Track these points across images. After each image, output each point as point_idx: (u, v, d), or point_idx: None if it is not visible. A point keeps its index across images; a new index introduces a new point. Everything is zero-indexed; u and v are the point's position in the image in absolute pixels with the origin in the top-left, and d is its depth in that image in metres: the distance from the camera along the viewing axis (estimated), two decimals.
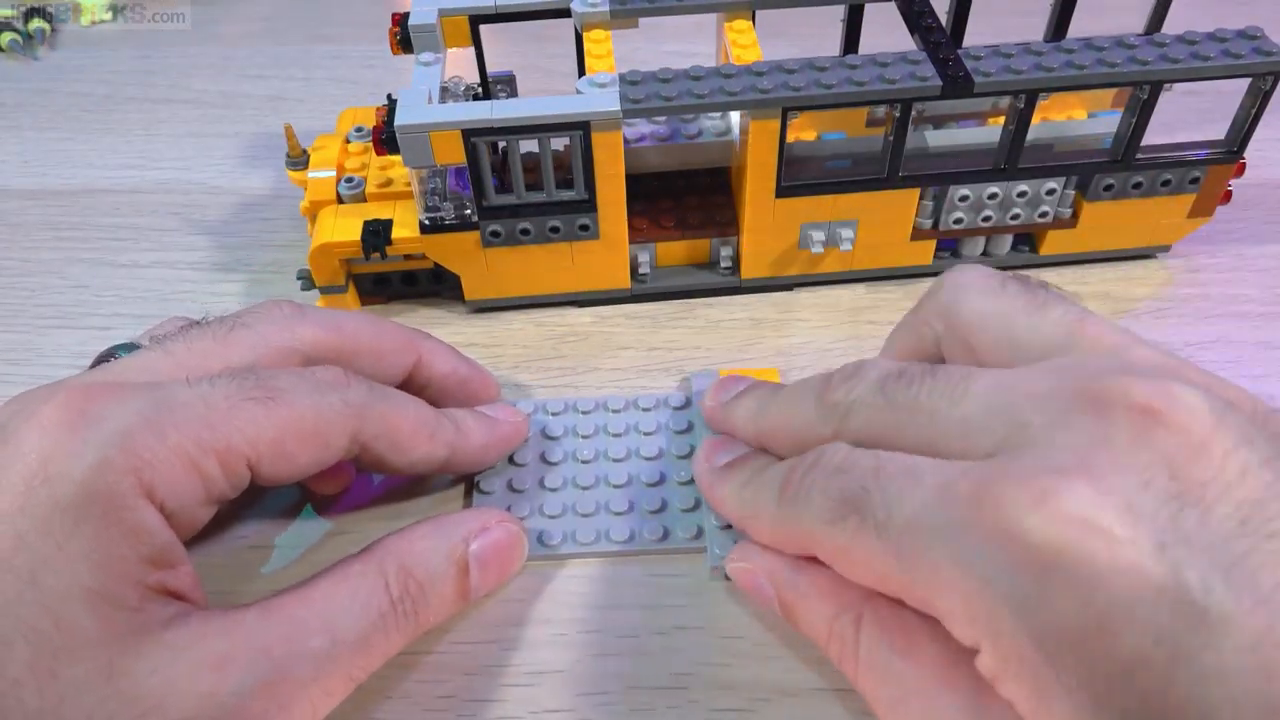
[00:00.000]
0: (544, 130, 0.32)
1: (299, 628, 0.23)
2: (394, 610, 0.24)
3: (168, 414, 0.22)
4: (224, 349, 0.26)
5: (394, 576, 0.25)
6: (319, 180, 0.37)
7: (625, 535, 0.30)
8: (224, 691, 0.21)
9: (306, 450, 0.25)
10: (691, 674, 0.27)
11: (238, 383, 0.24)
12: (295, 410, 0.24)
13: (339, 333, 0.28)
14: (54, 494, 0.20)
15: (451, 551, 0.26)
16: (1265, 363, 0.35)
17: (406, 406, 0.27)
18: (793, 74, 0.33)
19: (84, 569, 0.20)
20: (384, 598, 0.24)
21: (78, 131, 0.49)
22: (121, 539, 0.21)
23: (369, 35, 0.54)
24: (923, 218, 0.37)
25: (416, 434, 0.27)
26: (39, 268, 0.41)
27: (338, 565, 0.25)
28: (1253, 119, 0.34)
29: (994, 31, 0.38)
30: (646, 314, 0.38)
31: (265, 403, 0.24)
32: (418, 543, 0.26)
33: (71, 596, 0.20)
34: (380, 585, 0.24)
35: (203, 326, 0.27)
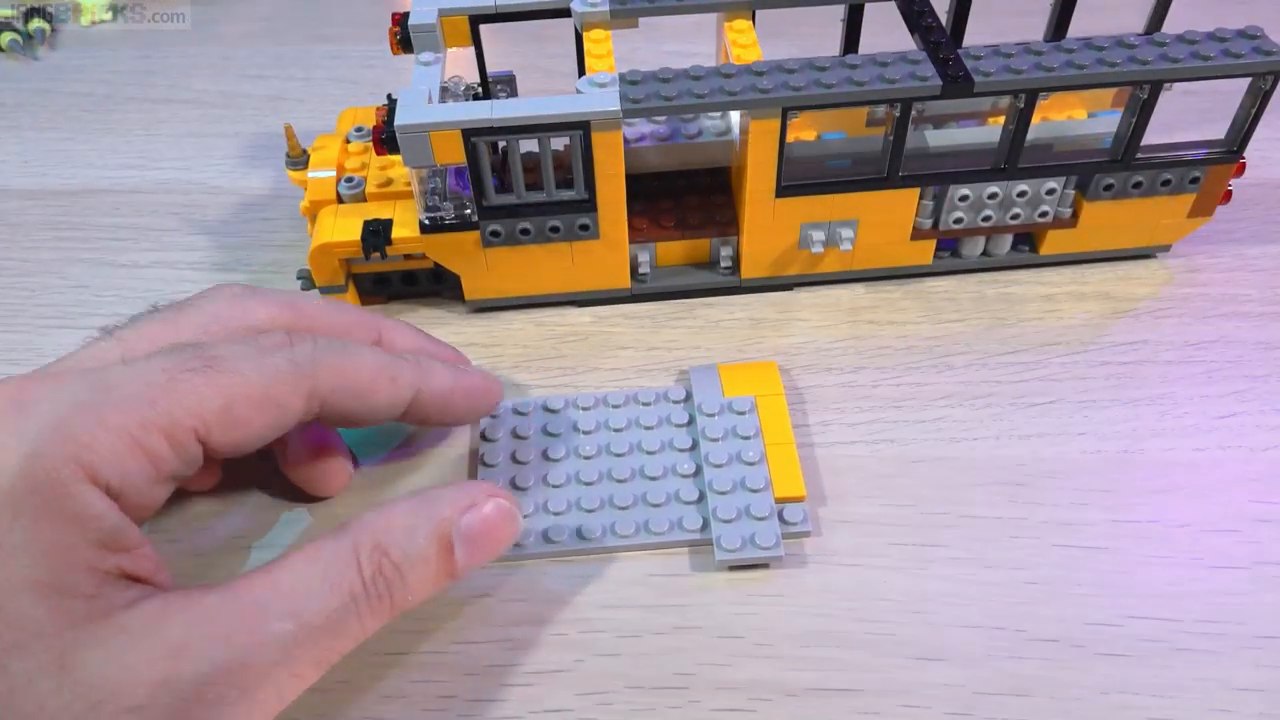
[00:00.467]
0: (544, 130, 0.32)
1: (262, 611, 0.22)
2: (366, 591, 0.23)
3: (104, 395, 0.22)
4: (173, 331, 0.25)
5: (367, 555, 0.23)
6: (319, 180, 0.37)
7: (631, 529, 0.30)
8: (180, 678, 0.21)
9: (260, 415, 0.24)
10: (691, 674, 0.27)
11: (175, 356, 0.23)
12: (239, 376, 0.24)
13: (294, 310, 0.27)
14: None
15: (435, 529, 0.25)
16: (1265, 363, 0.35)
17: (362, 354, 0.26)
18: (793, 74, 0.33)
19: (27, 560, 0.20)
20: (356, 579, 0.23)
21: (78, 131, 0.49)
22: (66, 527, 0.21)
23: (369, 35, 0.54)
24: (923, 217, 0.37)
25: (376, 379, 0.26)
26: (39, 268, 0.41)
27: (310, 544, 0.24)
28: (1253, 119, 0.34)
29: (994, 31, 0.38)
30: (646, 314, 0.38)
31: (205, 372, 0.23)
32: (396, 519, 0.24)
33: (17, 589, 0.20)
34: (352, 564, 0.23)
35: (154, 310, 0.26)
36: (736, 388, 0.33)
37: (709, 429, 0.32)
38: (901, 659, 0.27)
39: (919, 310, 0.37)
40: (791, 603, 0.29)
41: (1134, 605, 0.28)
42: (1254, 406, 0.33)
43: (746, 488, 0.30)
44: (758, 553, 0.29)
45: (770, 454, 0.31)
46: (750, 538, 0.29)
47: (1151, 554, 0.29)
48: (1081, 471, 0.31)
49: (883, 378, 0.35)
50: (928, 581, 0.29)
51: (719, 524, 0.29)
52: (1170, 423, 0.33)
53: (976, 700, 0.26)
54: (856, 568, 0.29)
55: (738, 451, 0.31)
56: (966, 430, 0.33)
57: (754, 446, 0.31)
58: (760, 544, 0.29)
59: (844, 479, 0.32)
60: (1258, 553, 0.29)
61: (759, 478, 0.30)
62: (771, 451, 0.31)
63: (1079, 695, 0.26)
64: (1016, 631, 0.28)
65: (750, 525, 0.29)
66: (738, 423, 0.32)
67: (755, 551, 0.29)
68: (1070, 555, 0.29)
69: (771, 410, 0.33)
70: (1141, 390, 0.34)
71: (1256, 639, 0.27)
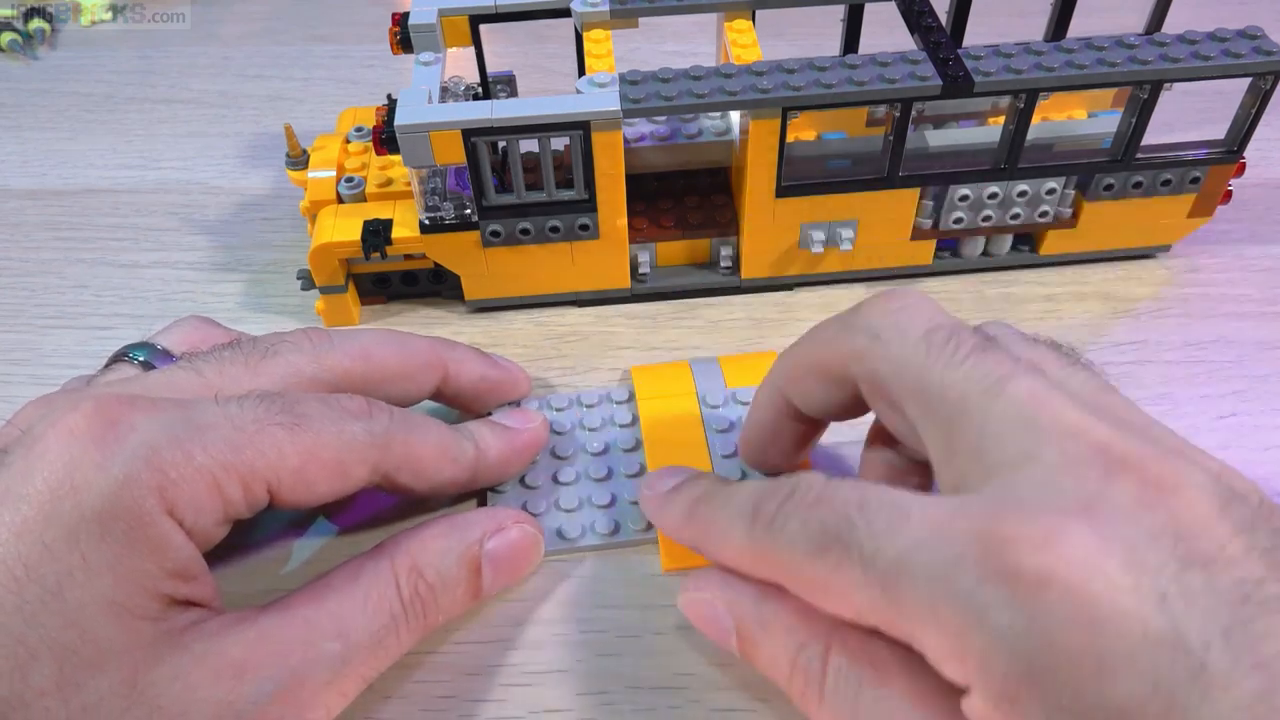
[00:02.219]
0: (544, 130, 0.32)
1: (314, 631, 0.23)
2: (405, 613, 0.25)
3: (195, 433, 0.22)
4: (253, 376, 0.26)
5: (405, 577, 0.25)
6: (319, 180, 0.37)
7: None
8: (243, 698, 0.21)
9: (326, 478, 0.25)
10: (691, 674, 0.27)
11: (265, 405, 0.24)
12: (319, 438, 0.24)
13: (366, 361, 0.28)
14: (80, 505, 0.20)
15: (465, 552, 0.26)
16: (1265, 363, 0.35)
17: (428, 433, 0.27)
18: (793, 74, 0.33)
19: (108, 582, 0.20)
20: (395, 600, 0.24)
21: (78, 131, 0.49)
22: (145, 553, 0.21)
23: (369, 35, 0.54)
24: (923, 217, 0.37)
25: (439, 461, 0.27)
26: (39, 268, 0.41)
27: (349, 564, 0.25)
28: (1253, 119, 0.34)
29: (994, 31, 0.38)
30: (646, 314, 0.38)
31: (291, 428, 0.24)
32: (430, 542, 0.26)
33: (96, 609, 0.20)
34: (392, 587, 0.24)
35: (234, 349, 0.26)
36: (740, 379, 0.33)
37: (714, 421, 0.32)
38: None
39: None
40: None
41: None
42: (1254, 406, 0.33)
43: (754, 478, 0.30)
44: None
45: None
46: None
47: None
48: None
49: None
50: None
51: None
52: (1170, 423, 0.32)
53: None
54: None
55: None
56: None
57: None
58: None
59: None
60: None
61: None
62: None
63: None
64: None
65: None
66: (743, 413, 0.32)
67: None
68: None
69: None
70: (1141, 390, 0.34)
71: None
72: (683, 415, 0.33)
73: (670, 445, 0.32)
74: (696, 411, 0.33)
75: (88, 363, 0.37)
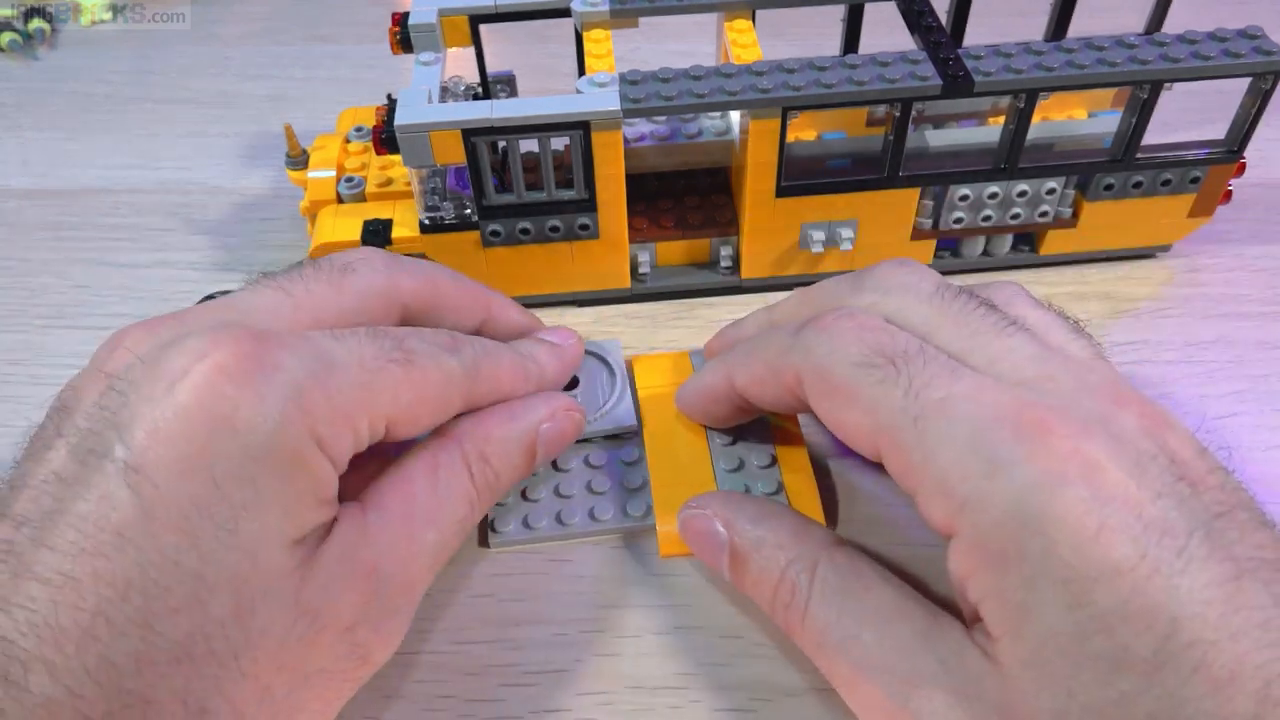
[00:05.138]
0: (544, 130, 0.32)
1: (414, 525, 0.25)
2: (478, 496, 0.27)
3: (331, 373, 0.23)
4: (338, 294, 0.26)
5: (476, 465, 0.26)
6: (319, 180, 0.37)
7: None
8: (377, 596, 0.23)
9: (429, 414, 0.26)
10: (691, 674, 0.27)
11: (379, 344, 0.25)
12: (427, 374, 0.25)
13: (432, 285, 0.29)
14: (245, 444, 0.21)
15: (524, 438, 0.28)
16: (1265, 363, 0.35)
17: (503, 358, 0.28)
18: (793, 74, 0.33)
19: (277, 513, 0.21)
20: (470, 487, 0.26)
21: (78, 131, 0.49)
22: (306, 486, 0.22)
23: (369, 35, 0.54)
24: (923, 217, 0.37)
25: (514, 382, 0.29)
26: (39, 268, 0.41)
27: (424, 453, 0.26)
28: (1253, 119, 0.34)
29: (994, 31, 0.38)
30: (646, 314, 0.38)
31: (405, 365, 0.25)
32: (495, 430, 0.27)
33: (268, 539, 0.21)
34: (466, 476, 0.26)
35: (314, 266, 0.27)
36: None
37: None
38: None
39: None
40: None
41: None
42: (1254, 406, 0.33)
43: (754, 465, 0.30)
44: None
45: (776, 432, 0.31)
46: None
47: None
48: None
49: None
50: None
51: None
52: None
53: None
54: None
55: (743, 429, 0.31)
56: None
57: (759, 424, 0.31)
58: None
59: (844, 479, 0.32)
60: None
61: (764, 455, 0.31)
62: (778, 429, 0.31)
63: None
64: None
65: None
66: None
67: None
68: None
69: None
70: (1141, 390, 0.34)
71: None
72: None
73: (669, 435, 0.32)
74: None
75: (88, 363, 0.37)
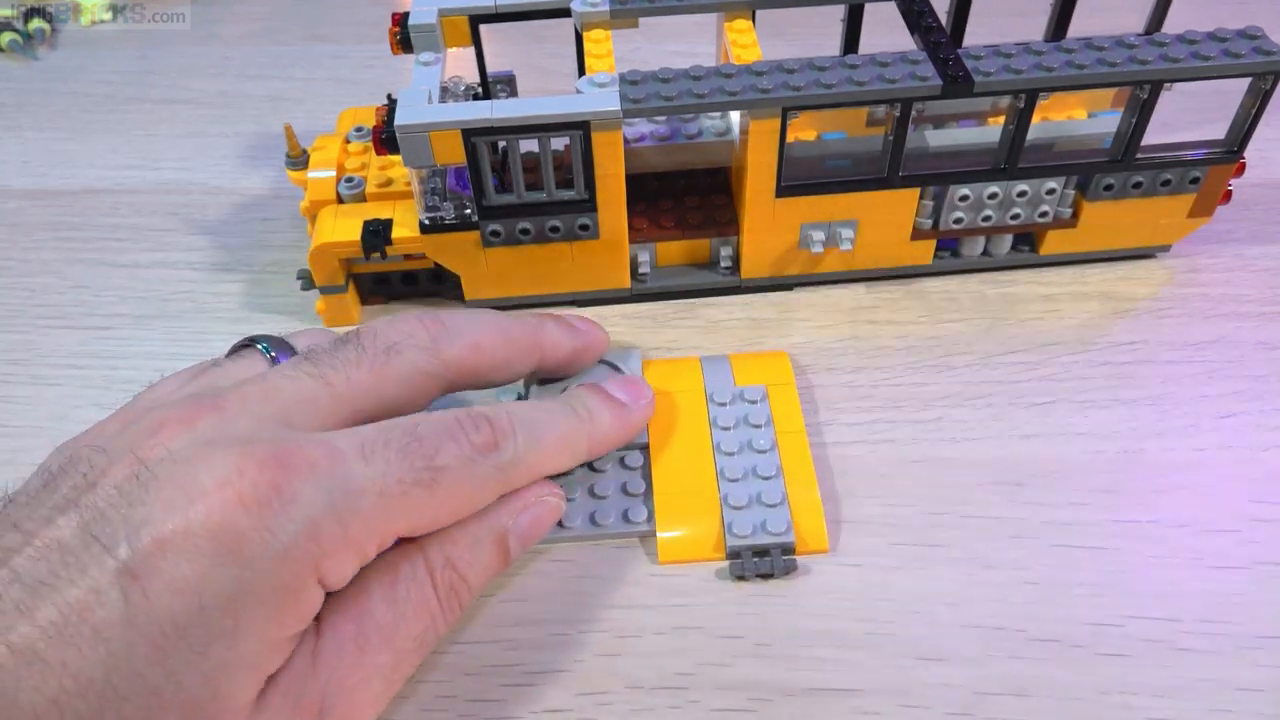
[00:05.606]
0: (544, 130, 0.32)
1: (365, 651, 0.24)
2: (442, 608, 0.26)
3: (348, 503, 0.23)
4: (379, 382, 0.26)
5: (440, 573, 0.26)
6: (319, 180, 0.37)
7: (645, 515, 0.30)
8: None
9: (450, 520, 0.26)
10: (691, 674, 0.27)
11: (407, 462, 0.24)
12: (455, 490, 0.25)
13: (477, 353, 0.28)
14: (241, 575, 0.21)
15: (494, 535, 0.27)
16: (1265, 363, 0.35)
17: (550, 439, 0.27)
18: (793, 74, 0.33)
19: (252, 644, 0.21)
20: (433, 598, 0.25)
21: (78, 131, 0.49)
22: (290, 620, 0.22)
23: (369, 35, 0.54)
24: (923, 218, 0.37)
25: (558, 462, 0.28)
26: (39, 268, 0.41)
27: (384, 566, 0.25)
28: (1253, 119, 0.34)
29: (994, 31, 0.38)
30: (646, 314, 0.38)
31: (430, 487, 0.24)
32: (460, 532, 0.26)
33: (234, 669, 0.21)
34: (428, 585, 0.25)
35: (357, 349, 0.27)
36: (748, 377, 0.34)
37: (720, 418, 0.32)
38: (901, 659, 0.27)
39: (919, 310, 0.37)
40: (791, 603, 0.29)
41: (1134, 605, 0.28)
42: (1254, 406, 0.33)
43: (758, 475, 0.31)
44: (769, 538, 0.29)
45: (782, 444, 0.31)
46: (761, 524, 0.29)
47: (1151, 554, 0.29)
48: (1081, 471, 0.31)
49: (883, 378, 0.35)
50: (928, 581, 0.29)
51: (730, 510, 0.30)
52: (1170, 423, 0.33)
53: (976, 700, 0.26)
54: (857, 568, 0.29)
55: (749, 440, 0.31)
56: (966, 430, 0.33)
57: (765, 435, 0.32)
58: (771, 530, 0.29)
59: (844, 479, 0.32)
60: (1258, 553, 0.29)
61: (770, 465, 0.31)
62: (783, 441, 0.31)
63: (1079, 695, 0.26)
64: (1016, 631, 0.28)
65: (762, 512, 0.30)
66: (749, 411, 0.32)
67: (766, 537, 0.29)
68: (1070, 555, 0.29)
69: (782, 399, 0.33)
70: (1141, 390, 0.34)
71: (1256, 639, 0.27)
72: (688, 410, 0.33)
73: (674, 442, 0.32)
74: (703, 407, 0.33)
75: (88, 363, 0.37)
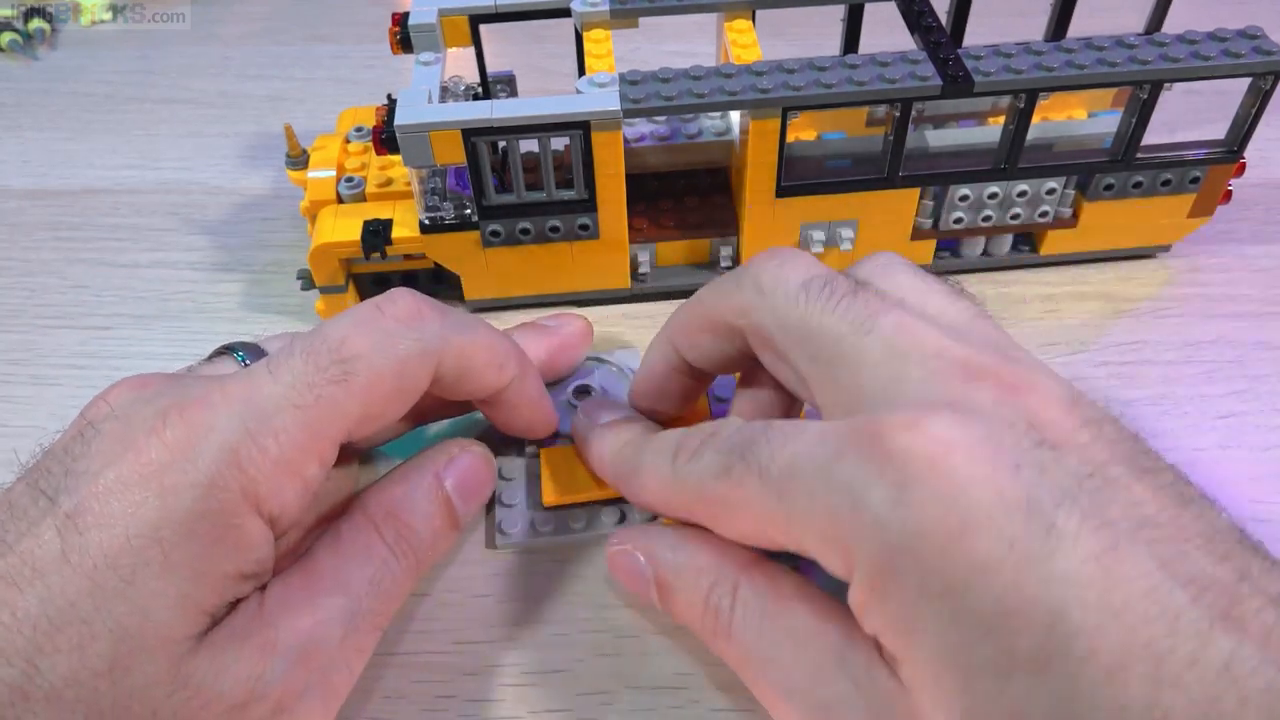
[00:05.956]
0: (544, 130, 0.32)
1: (316, 592, 0.24)
2: (394, 554, 0.25)
3: (262, 424, 0.22)
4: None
5: (383, 523, 0.26)
6: (319, 180, 0.37)
7: (647, 515, 0.30)
8: (268, 672, 0.22)
9: (392, 405, 0.25)
10: (691, 674, 0.27)
11: (314, 366, 0.24)
12: (374, 374, 0.24)
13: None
14: (166, 507, 0.21)
15: (430, 488, 0.27)
16: (1265, 363, 0.35)
17: (479, 332, 0.27)
18: (793, 74, 0.33)
19: (184, 575, 0.21)
20: (381, 545, 0.25)
21: (78, 131, 0.49)
22: (225, 555, 0.22)
23: (369, 35, 0.54)
24: (923, 217, 0.37)
25: (488, 365, 0.27)
26: (39, 268, 0.41)
27: (328, 529, 0.26)
28: (1253, 119, 0.34)
29: (994, 31, 0.38)
30: (646, 314, 0.38)
31: (345, 382, 0.24)
32: (394, 488, 0.27)
33: (164, 599, 0.21)
34: (374, 534, 0.25)
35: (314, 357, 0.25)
36: None
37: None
38: None
39: None
40: None
41: None
42: (1254, 406, 0.33)
43: None
44: None
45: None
46: None
47: None
48: None
49: None
50: None
51: None
52: (1170, 423, 0.33)
53: None
54: None
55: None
56: None
57: None
58: None
59: None
60: None
61: None
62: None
63: None
64: None
65: None
66: None
67: None
68: None
69: None
70: (1141, 390, 0.34)
71: None
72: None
73: None
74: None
75: (87, 363, 0.37)
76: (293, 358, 0.24)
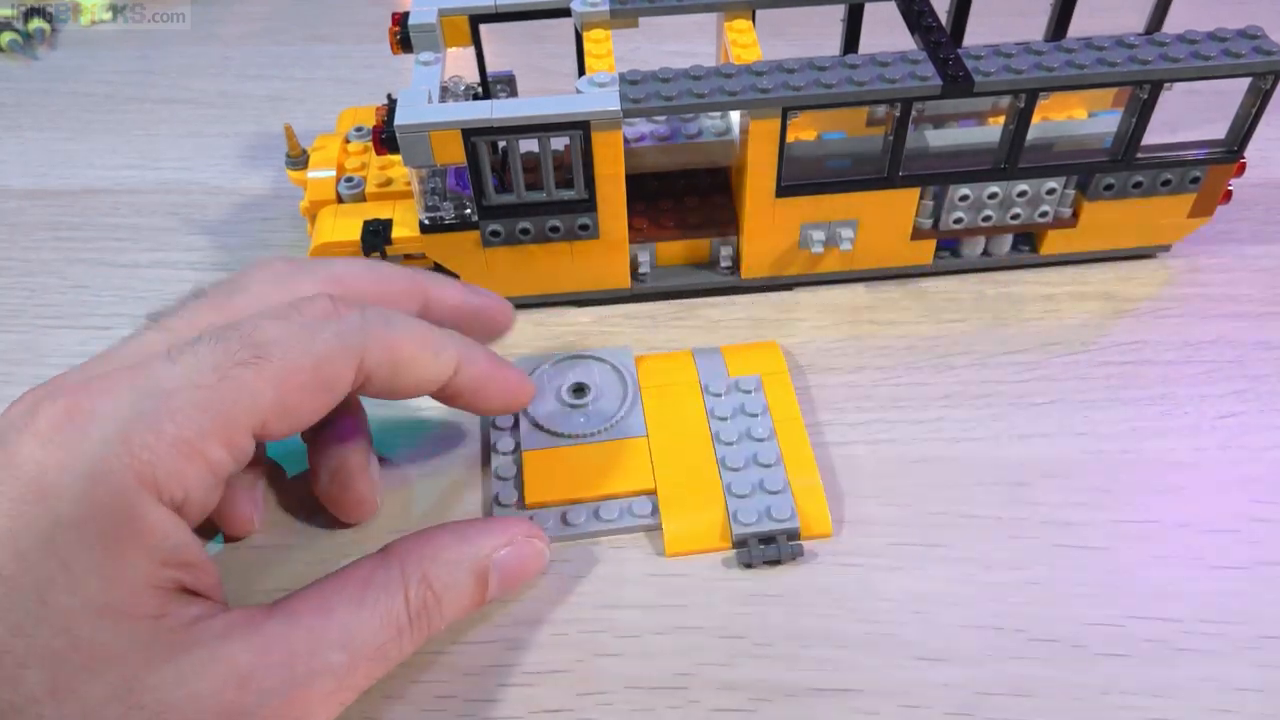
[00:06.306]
0: (544, 130, 0.32)
1: (320, 642, 0.22)
2: (411, 625, 0.24)
3: (159, 403, 0.21)
4: (223, 318, 0.24)
5: (415, 588, 0.24)
6: (319, 180, 0.37)
7: (647, 510, 0.30)
8: (245, 707, 0.21)
9: (311, 398, 0.23)
10: (691, 674, 0.27)
11: (221, 347, 0.22)
12: (290, 362, 0.23)
13: (339, 285, 0.26)
14: (52, 510, 0.20)
15: (475, 564, 0.26)
16: (1265, 363, 0.35)
17: (407, 325, 0.26)
18: (793, 74, 0.33)
19: (94, 584, 0.20)
20: (403, 612, 0.24)
21: (78, 131, 0.49)
22: (132, 548, 0.20)
23: (369, 35, 0.54)
24: (923, 217, 0.37)
25: (420, 353, 0.26)
26: (39, 268, 0.41)
27: (359, 568, 0.24)
28: (1253, 119, 0.34)
29: (994, 31, 0.38)
30: (646, 314, 0.38)
31: (254, 365, 0.22)
32: (441, 551, 0.25)
33: (84, 614, 0.20)
34: (400, 599, 0.24)
35: (199, 296, 0.25)
36: (742, 367, 0.34)
37: (717, 409, 0.32)
38: (901, 659, 0.27)
39: (919, 310, 0.37)
40: (791, 603, 0.29)
41: (1134, 605, 0.28)
42: (1254, 406, 0.33)
43: (759, 463, 0.31)
44: (774, 525, 0.29)
45: (779, 431, 0.32)
46: (766, 510, 0.30)
47: (1151, 554, 0.29)
48: (1081, 471, 0.31)
49: (883, 378, 0.35)
50: (928, 581, 0.29)
51: (734, 499, 0.30)
52: (1170, 423, 0.33)
53: (977, 700, 0.26)
54: (857, 568, 0.29)
55: (747, 429, 0.32)
56: (966, 430, 0.33)
57: (763, 423, 0.32)
58: (776, 516, 0.29)
59: (844, 479, 0.32)
60: (1258, 553, 0.29)
61: (770, 453, 0.31)
62: (780, 429, 0.32)
63: (1079, 695, 0.26)
64: (1016, 631, 0.28)
65: (765, 499, 0.30)
66: (745, 401, 0.33)
67: (771, 524, 0.29)
68: (1070, 555, 0.29)
69: (777, 387, 0.33)
70: (1141, 390, 0.34)
71: (1256, 639, 0.27)
72: (685, 403, 0.33)
73: (674, 434, 0.32)
74: (699, 399, 0.33)
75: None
76: (198, 343, 0.22)
